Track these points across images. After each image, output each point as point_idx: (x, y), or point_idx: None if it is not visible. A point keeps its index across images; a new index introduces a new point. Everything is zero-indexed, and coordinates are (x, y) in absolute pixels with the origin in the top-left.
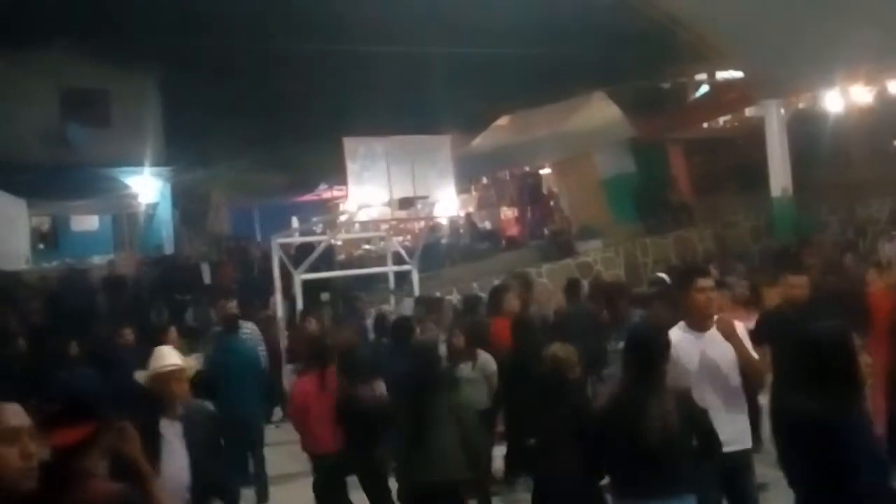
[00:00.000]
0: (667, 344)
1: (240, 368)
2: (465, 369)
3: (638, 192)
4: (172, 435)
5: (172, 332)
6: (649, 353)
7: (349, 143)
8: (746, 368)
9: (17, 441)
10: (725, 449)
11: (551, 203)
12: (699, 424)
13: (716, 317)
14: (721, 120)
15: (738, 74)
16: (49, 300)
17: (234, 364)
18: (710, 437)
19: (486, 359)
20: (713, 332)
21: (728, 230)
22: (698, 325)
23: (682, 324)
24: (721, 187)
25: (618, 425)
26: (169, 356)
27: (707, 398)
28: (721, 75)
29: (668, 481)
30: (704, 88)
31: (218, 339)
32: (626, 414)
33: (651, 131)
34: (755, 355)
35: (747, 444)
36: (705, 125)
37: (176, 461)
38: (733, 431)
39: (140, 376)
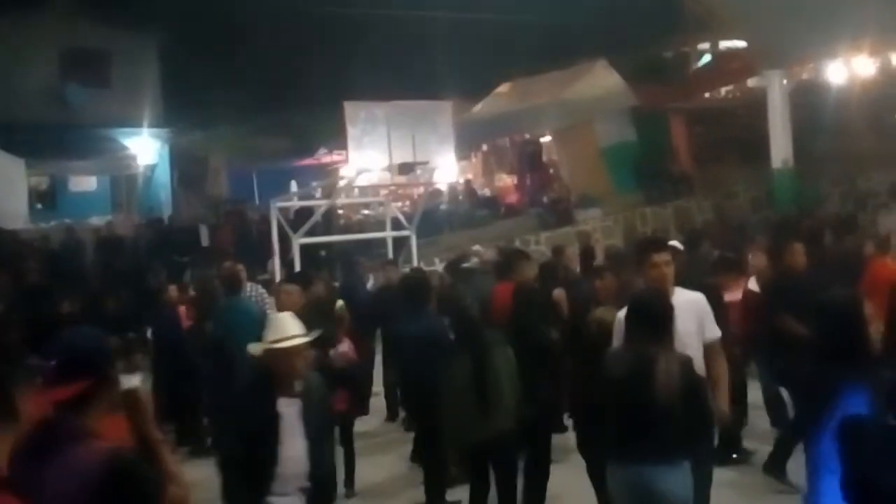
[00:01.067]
0: (671, 308)
1: (247, 330)
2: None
3: (638, 161)
4: (292, 415)
5: (173, 290)
6: (654, 317)
7: (350, 108)
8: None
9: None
10: None
11: (551, 171)
12: (697, 394)
13: None
14: (723, 90)
15: (741, 44)
16: (46, 259)
17: (242, 325)
18: (704, 408)
19: None
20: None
21: (728, 201)
22: None
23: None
24: (722, 158)
25: (621, 389)
26: (290, 326)
27: None
28: (724, 45)
29: (665, 446)
30: (707, 58)
31: (224, 301)
32: (630, 377)
33: (653, 100)
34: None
35: None
36: (707, 95)
37: (297, 444)
38: None
39: (254, 348)
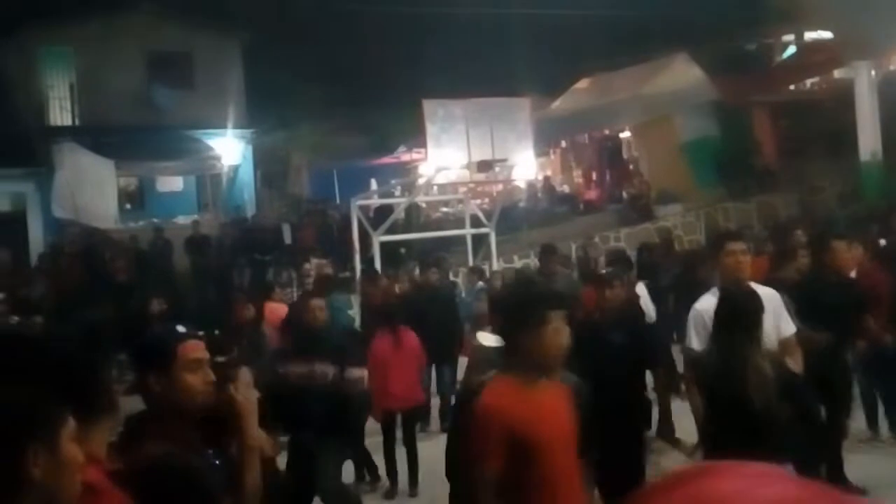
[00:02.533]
0: (761, 305)
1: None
2: None
3: (720, 155)
4: None
5: (278, 291)
6: (746, 314)
7: (429, 106)
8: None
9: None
10: None
11: (630, 167)
12: (795, 390)
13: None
14: (808, 82)
15: (827, 35)
16: (135, 259)
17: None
18: (806, 404)
19: None
20: None
21: (814, 196)
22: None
23: (714, 289)
24: (807, 151)
25: (717, 390)
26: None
27: None
28: (809, 36)
29: (767, 448)
30: (791, 49)
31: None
32: (725, 378)
33: (735, 94)
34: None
35: None
36: (792, 87)
37: None
38: None
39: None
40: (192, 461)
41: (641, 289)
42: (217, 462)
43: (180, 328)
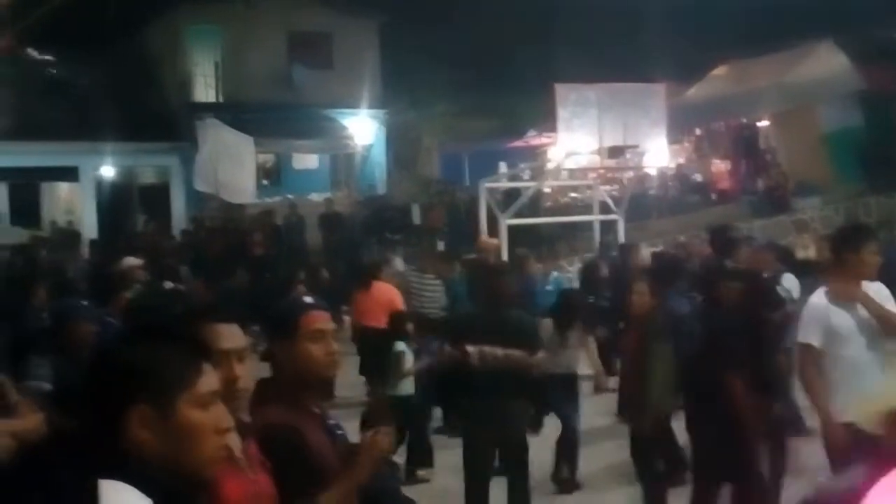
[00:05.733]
0: None
1: None
2: None
3: (864, 147)
4: None
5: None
6: None
7: (561, 90)
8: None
9: (223, 363)
10: None
11: (767, 157)
12: None
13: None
14: None
15: None
16: (271, 233)
17: None
18: None
19: None
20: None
21: None
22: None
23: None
24: None
25: None
26: None
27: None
28: None
29: None
30: None
31: None
32: None
33: (883, 83)
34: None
35: None
36: None
37: None
38: None
39: None
40: (308, 429)
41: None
42: (339, 431)
43: (307, 299)
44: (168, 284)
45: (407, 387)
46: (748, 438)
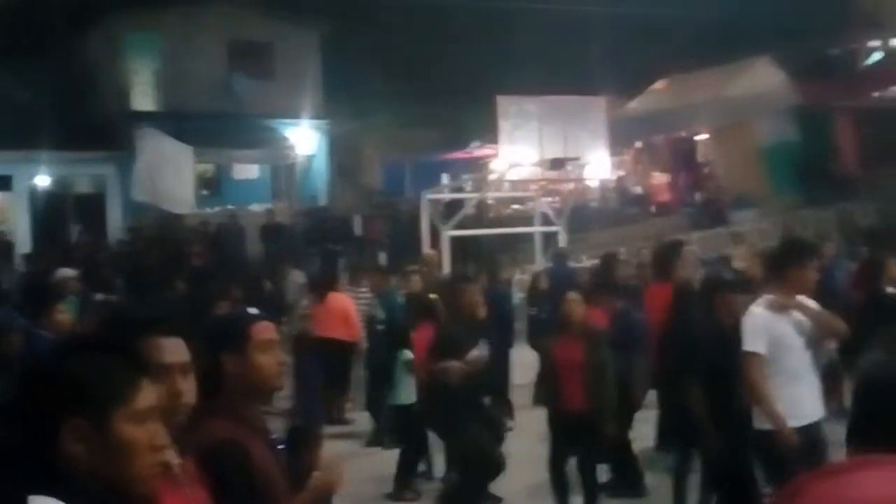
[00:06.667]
0: None
1: None
2: None
3: (800, 161)
4: None
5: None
6: None
7: (502, 102)
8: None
9: (166, 378)
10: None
11: (706, 170)
12: None
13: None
14: (893, 89)
15: None
16: (210, 244)
17: None
18: None
19: None
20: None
21: (894, 205)
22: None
23: (767, 299)
24: (889, 160)
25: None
26: None
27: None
28: (895, 42)
29: None
30: (877, 55)
31: None
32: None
33: (818, 99)
34: None
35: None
36: (876, 94)
37: None
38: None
39: None
40: (252, 445)
41: None
42: (281, 446)
43: (252, 310)
44: (100, 296)
45: (409, 396)
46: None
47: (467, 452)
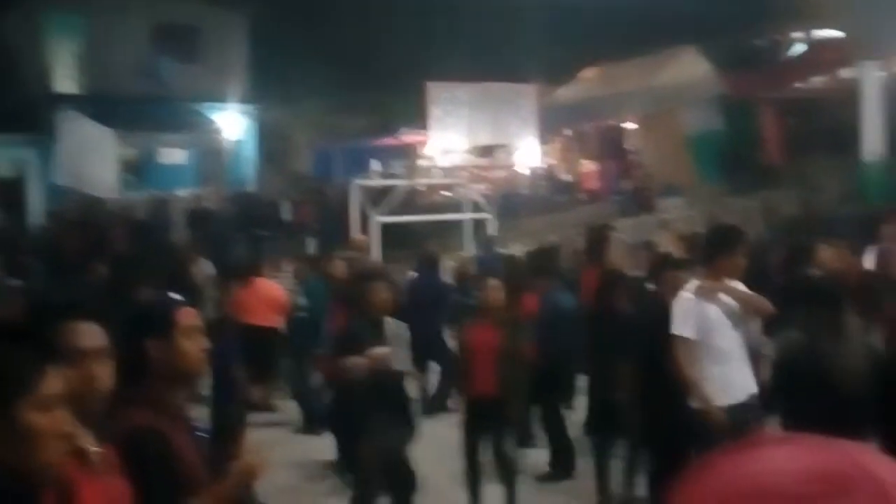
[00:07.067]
0: (842, 290)
1: None
2: None
3: (724, 150)
4: None
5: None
6: (835, 299)
7: (433, 89)
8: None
9: (81, 363)
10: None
11: (633, 158)
12: (885, 371)
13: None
14: (815, 80)
15: (836, 33)
16: (133, 229)
17: None
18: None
19: None
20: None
21: (815, 194)
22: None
23: (696, 283)
24: (811, 150)
25: (808, 373)
26: None
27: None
28: (818, 34)
29: (854, 432)
30: (800, 47)
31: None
32: (817, 362)
33: (742, 89)
34: None
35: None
36: (799, 85)
37: None
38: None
39: None
40: (173, 433)
41: None
42: (204, 434)
43: (174, 296)
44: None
45: None
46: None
47: (364, 461)
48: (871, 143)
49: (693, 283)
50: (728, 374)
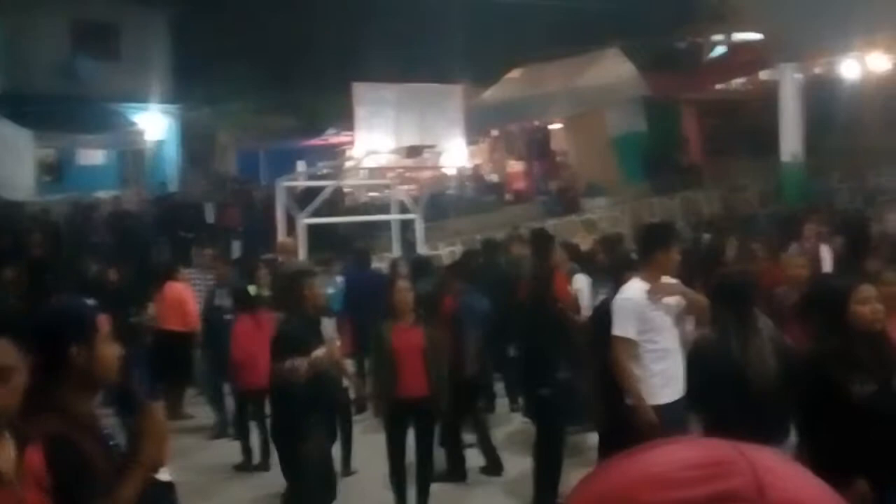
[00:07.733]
0: (755, 287)
1: None
2: None
3: (647, 151)
4: None
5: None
6: (745, 297)
7: (358, 89)
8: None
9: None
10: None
11: (559, 159)
12: (795, 368)
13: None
14: (735, 82)
15: (756, 36)
16: (51, 233)
17: None
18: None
19: None
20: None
21: (736, 194)
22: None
23: (641, 282)
24: (732, 150)
25: (716, 370)
26: None
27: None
28: (738, 36)
29: (766, 427)
30: (720, 49)
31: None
32: (724, 358)
33: (664, 90)
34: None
35: None
36: (719, 87)
37: None
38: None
39: None
40: (84, 441)
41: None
42: (115, 442)
43: (89, 301)
44: None
45: None
46: None
47: (301, 463)
48: (789, 144)
49: (635, 283)
50: (667, 371)
